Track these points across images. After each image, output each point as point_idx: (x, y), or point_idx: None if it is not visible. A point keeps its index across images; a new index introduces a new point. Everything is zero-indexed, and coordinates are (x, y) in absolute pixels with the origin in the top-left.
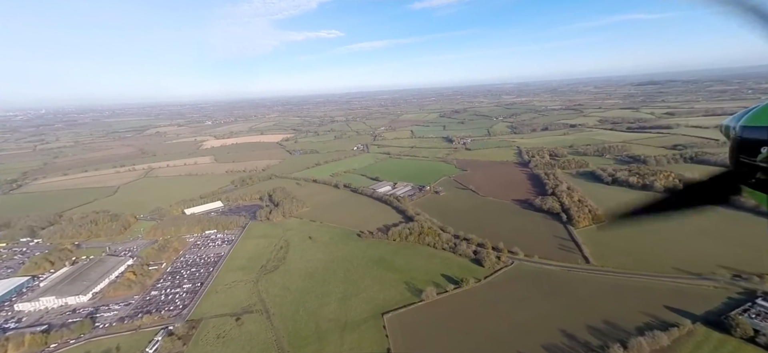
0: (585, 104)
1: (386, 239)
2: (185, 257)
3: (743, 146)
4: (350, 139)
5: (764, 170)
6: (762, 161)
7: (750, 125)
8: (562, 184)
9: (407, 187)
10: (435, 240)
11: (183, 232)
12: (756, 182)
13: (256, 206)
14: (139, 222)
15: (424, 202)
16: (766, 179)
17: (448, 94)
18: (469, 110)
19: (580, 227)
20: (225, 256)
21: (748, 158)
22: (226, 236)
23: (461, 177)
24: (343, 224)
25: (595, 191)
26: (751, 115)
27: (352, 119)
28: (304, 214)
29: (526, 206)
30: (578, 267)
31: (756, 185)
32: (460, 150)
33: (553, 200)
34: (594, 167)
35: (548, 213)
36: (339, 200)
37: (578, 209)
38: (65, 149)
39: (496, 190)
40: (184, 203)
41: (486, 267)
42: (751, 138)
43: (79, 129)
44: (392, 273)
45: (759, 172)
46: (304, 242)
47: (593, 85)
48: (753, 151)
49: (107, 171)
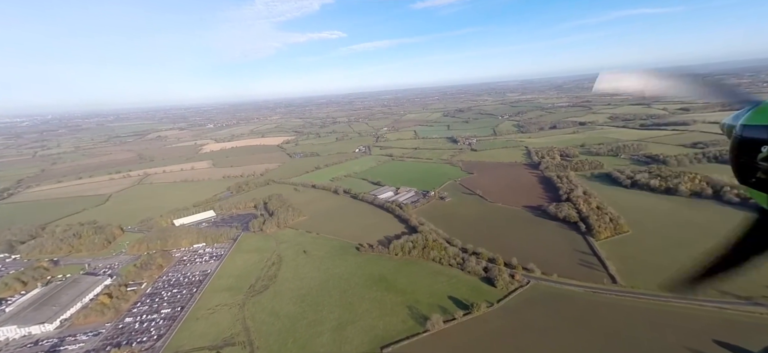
0: (593, 101)
1: (387, 253)
2: (168, 276)
3: (743, 145)
4: (352, 141)
5: (764, 170)
6: (762, 160)
7: (750, 124)
8: (577, 188)
9: (410, 193)
10: (441, 255)
11: (170, 246)
12: (756, 181)
13: (250, 216)
14: (125, 234)
15: (428, 209)
16: (766, 179)
17: (451, 92)
18: (474, 109)
19: (601, 238)
20: (211, 274)
21: (749, 157)
22: (215, 251)
23: (467, 181)
24: (341, 236)
25: (614, 195)
26: (752, 113)
27: (354, 120)
28: (301, 224)
29: (539, 214)
30: (605, 288)
31: (756, 184)
32: (466, 151)
33: (568, 208)
34: (610, 169)
35: (564, 222)
36: (338, 208)
37: (598, 218)
38: (65, 155)
39: (505, 195)
40: (175, 212)
41: (498, 288)
42: (751, 137)
43: (81, 134)
44: (393, 295)
45: (759, 171)
46: (299, 257)
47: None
48: (753, 150)
49: (101, 178)
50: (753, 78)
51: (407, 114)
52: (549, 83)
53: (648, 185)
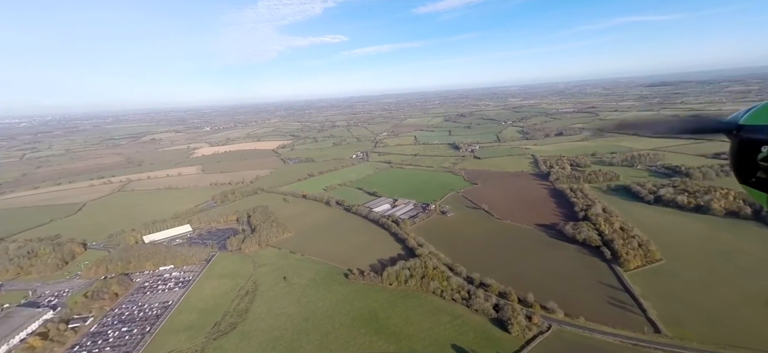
0: (598, 107)
1: (380, 282)
2: (122, 308)
3: (743, 145)
4: (350, 146)
5: (765, 170)
6: (762, 161)
7: (750, 124)
8: (595, 205)
9: (409, 205)
10: (443, 286)
11: (132, 268)
12: (756, 181)
13: (230, 231)
14: (87, 253)
15: (428, 226)
16: (766, 179)
17: (452, 97)
18: (476, 114)
19: (630, 268)
20: (172, 306)
21: (749, 157)
22: (183, 274)
23: (471, 193)
24: (329, 258)
25: (637, 213)
26: (752, 114)
27: (353, 124)
28: (285, 242)
29: (554, 235)
30: (647, 340)
31: (756, 184)
32: (468, 158)
33: (588, 228)
34: (627, 181)
35: (584, 246)
36: (328, 223)
37: (624, 243)
38: (53, 158)
39: (514, 211)
40: (148, 226)
41: (514, 334)
42: (751, 137)
43: (76, 136)
44: (385, 341)
45: (759, 171)
46: (277, 285)
47: (601, 87)
48: (753, 150)
49: (81, 184)
50: (761, 85)
51: (407, 118)
52: (550, 88)
53: (674, 202)
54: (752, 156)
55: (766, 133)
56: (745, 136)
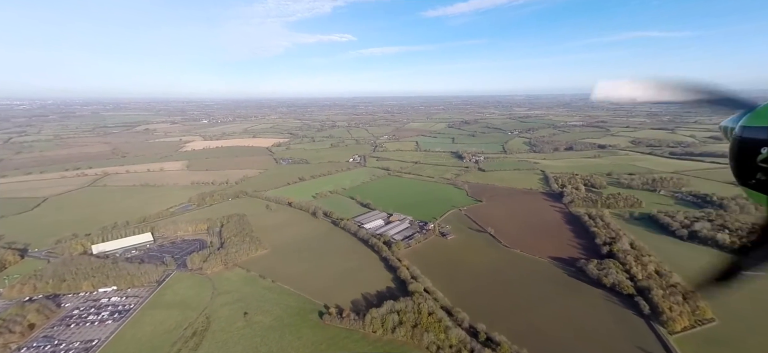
0: (609, 121)
1: (362, 328)
2: (31, 349)
3: (743, 147)
4: (348, 148)
5: (764, 171)
6: (762, 162)
7: (750, 126)
8: (621, 238)
9: (404, 223)
10: (439, 340)
11: (66, 288)
12: (756, 182)
13: (197, 243)
14: (23, 262)
15: (425, 250)
16: (766, 180)
17: (456, 103)
18: (480, 122)
19: (676, 330)
20: (95, 348)
21: (748, 158)
22: (124, 301)
23: (476, 211)
24: (304, 287)
25: (671, 252)
26: (751, 115)
27: (354, 125)
28: (256, 262)
29: (574, 273)
30: None
31: (756, 185)
32: (472, 170)
33: (616, 268)
34: (652, 209)
35: (613, 292)
36: (311, 239)
37: (665, 295)
38: (38, 143)
39: (524, 237)
40: (107, 231)
41: None
42: (751, 138)
43: (69, 122)
44: None
45: (759, 172)
46: (235, 323)
47: (608, 101)
48: (753, 151)
49: (52, 175)
50: None
51: (410, 122)
52: (556, 100)
53: (714, 240)
54: (752, 158)
55: (766, 134)
56: (744, 137)
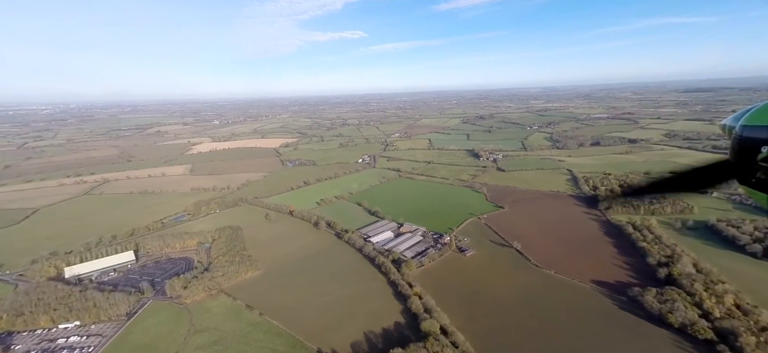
0: (636, 113)
1: None
2: None
3: (743, 146)
4: (357, 148)
5: (764, 170)
6: (762, 161)
7: (750, 125)
8: (680, 258)
9: (417, 235)
10: None
11: (21, 323)
12: (756, 181)
13: (184, 261)
14: None
15: (441, 271)
16: (766, 179)
17: (470, 97)
18: (496, 116)
19: None
20: None
21: (749, 157)
22: (84, 341)
23: (497, 220)
24: (295, 323)
25: (745, 274)
26: (752, 114)
27: (365, 123)
28: (246, 286)
29: (625, 305)
30: None
31: (756, 184)
32: (491, 170)
33: (682, 301)
34: (707, 215)
35: (683, 334)
36: (310, 256)
37: (759, 343)
38: (50, 148)
39: (558, 254)
40: (89, 249)
41: None
42: (751, 137)
43: (86, 125)
44: None
45: (759, 171)
46: None
47: (630, 91)
48: (753, 150)
49: (51, 183)
50: None
51: (422, 118)
52: (574, 91)
53: None
54: (752, 157)
55: (766, 133)
56: (745, 136)
